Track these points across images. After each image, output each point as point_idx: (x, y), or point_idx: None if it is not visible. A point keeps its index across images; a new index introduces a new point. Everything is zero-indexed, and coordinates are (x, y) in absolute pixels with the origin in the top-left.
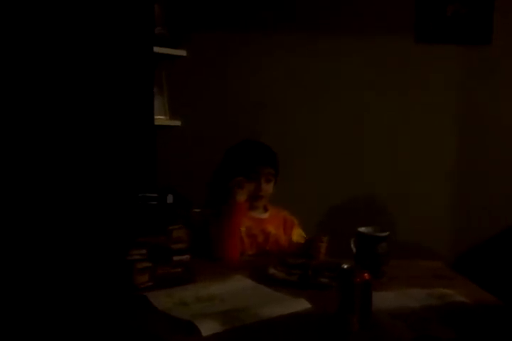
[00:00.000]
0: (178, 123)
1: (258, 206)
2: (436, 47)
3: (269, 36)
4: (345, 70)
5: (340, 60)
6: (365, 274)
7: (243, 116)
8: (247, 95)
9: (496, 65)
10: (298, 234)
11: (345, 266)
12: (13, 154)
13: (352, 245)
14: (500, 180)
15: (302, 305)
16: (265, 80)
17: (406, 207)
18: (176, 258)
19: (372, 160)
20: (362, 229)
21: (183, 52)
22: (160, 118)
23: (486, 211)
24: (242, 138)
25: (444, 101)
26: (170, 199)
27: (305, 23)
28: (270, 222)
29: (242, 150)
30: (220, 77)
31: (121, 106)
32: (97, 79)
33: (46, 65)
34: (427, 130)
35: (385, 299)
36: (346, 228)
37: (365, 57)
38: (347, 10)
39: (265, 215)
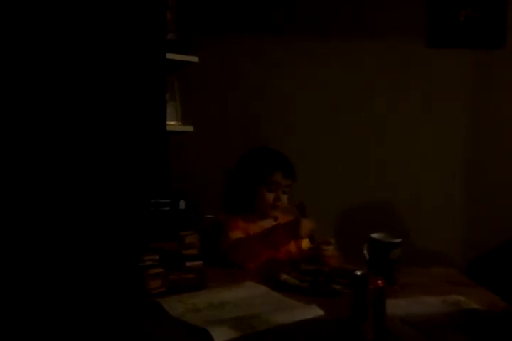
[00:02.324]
0: (190, 128)
1: (271, 215)
2: (449, 52)
3: (280, 42)
4: (356, 75)
5: (352, 65)
6: (379, 281)
7: (255, 121)
8: (259, 101)
9: (510, 68)
10: (307, 241)
11: (359, 273)
12: (25, 161)
13: (365, 251)
14: None
15: (314, 312)
16: (277, 85)
17: (417, 212)
18: (188, 264)
19: (383, 165)
20: (375, 235)
21: (195, 59)
22: (172, 124)
23: (499, 215)
24: (254, 144)
25: (457, 105)
26: (182, 205)
27: (316, 27)
28: None
29: (265, 162)
30: (232, 82)
31: (134, 112)
32: (110, 85)
33: (59, 72)
34: (439, 135)
35: (398, 306)
36: (357, 234)
37: (377, 62)
38: (359, 15)
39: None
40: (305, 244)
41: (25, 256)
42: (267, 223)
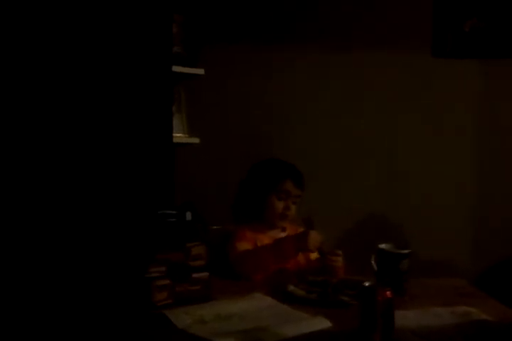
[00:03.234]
0: (196, 140)
1: (280, 226)
2: (455, 63)
3: (287, 54)
4: (362, 86)
5: (358, 76)
6: (388, 292)
7: (261, 133)
8: (266, 112)
9: None
10: (316, 254)
11: (367, 284)
12: (31, 170)
13: (373, 262)
14: None
15: (322, 323)
16: (284, 97)
17: (425, 222)
18: (194, 275)
19: (390, 175)
20: (383, 246)
21: (201, 71)
22: (179, 136)
23: (509, 225)
24: (260, 155)
25: (464, 116)
26: (188, 216)
27: (322, 38)
28: None
29: (277, 170)
30: (238, 94)
31: (141, 124)
32: (117, 98)
33: (66, 83)
34: (446, 144)
35: (407, 317)
36: (363, 244)
37: (383, 73)
38: (364, 26)
39: (283, 234)
40: (314, 256)
41: (32, 266)
42: (275, 233)
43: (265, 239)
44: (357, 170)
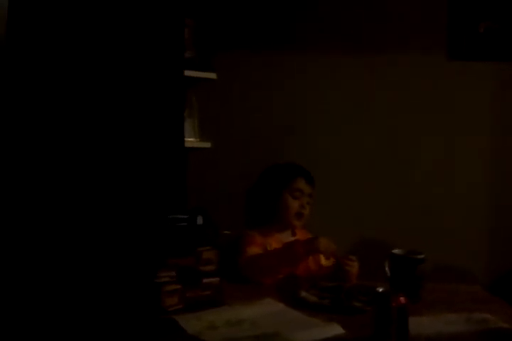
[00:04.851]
0: (208, 145)
1: (295, 224)
2: (470, 65)
3: (297, 59)
4: (375, 89)
5: (371, 79)
6: (402, 298)
7: (273, 138)
8: (277, 117)
9: None
10: (332, 260)
11: (381, 290)
12: (45, 176)
13: (386, 268)
14: None
15: (335, 330)
16: (295, 102)
17: (437, 227)
18: (205, 280)
19: (402, 179)
20: (396, 251)
21: (213, 75)
22: (190, 141)
23: None
24: (271, 159)
25: (479, 119)
26: (200, 220)
27: (334, 42)
28: None
29: (287, 170)
30: (250, 99)
31: (153, 128)
32: (129, 103)
33: (79, 90)
34: (462, 148)
35: (422, 324)
36: (376, 249)
37: (397, 76)
38: (377, 28)
39: (292, 239)
40: (326, 262)
41: (41, 269)
42: (285, 236)
43: (275, 243)
44: (369, 174)
